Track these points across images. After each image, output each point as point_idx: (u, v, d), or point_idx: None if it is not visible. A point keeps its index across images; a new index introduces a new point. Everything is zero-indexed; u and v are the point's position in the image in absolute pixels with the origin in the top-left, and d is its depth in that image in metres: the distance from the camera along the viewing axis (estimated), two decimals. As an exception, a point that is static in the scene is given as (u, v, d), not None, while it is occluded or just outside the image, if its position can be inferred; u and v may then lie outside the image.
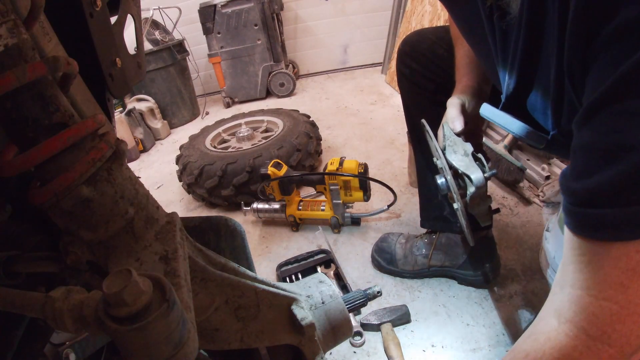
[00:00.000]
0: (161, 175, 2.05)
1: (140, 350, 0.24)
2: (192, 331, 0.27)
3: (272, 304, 0.40)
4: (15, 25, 0.24)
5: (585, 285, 0.35)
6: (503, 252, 1.06)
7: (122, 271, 0.24)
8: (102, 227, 0.29)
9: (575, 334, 0.36)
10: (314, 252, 1.15)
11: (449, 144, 0.69)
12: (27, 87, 0.25)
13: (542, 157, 1.29)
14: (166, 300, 0.24)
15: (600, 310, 0.34)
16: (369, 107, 2.42)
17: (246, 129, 1.78)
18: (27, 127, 0.26)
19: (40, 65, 0.24)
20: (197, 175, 1.47)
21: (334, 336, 0.45)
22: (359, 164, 1.17)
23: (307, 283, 0.47)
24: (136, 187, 0.31)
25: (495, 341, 0.84)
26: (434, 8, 2.11)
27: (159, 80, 2.65)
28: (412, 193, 1.42)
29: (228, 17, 2.69)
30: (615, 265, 0.32)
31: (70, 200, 0.26)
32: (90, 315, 0.25)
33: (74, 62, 0.28)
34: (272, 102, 2.92)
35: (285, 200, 1.31)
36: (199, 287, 0.34)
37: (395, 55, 2.60)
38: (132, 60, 0.51)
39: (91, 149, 0.28)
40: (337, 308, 0.44)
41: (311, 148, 1.61)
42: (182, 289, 0.28)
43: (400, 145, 1.81)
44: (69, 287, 0.27)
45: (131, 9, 0.51)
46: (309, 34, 3.32)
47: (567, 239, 0.38)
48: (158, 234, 0.32)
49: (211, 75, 3.31)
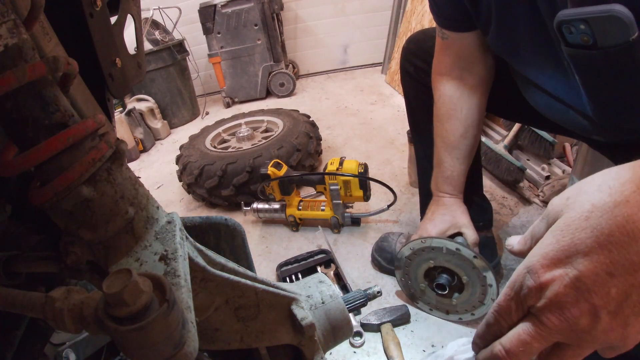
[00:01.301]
0: (161, 175, 2.05)
1: (140, 350, 0.24)
2: (192, 331, 0.27)
3: (272, 304, 0.40)
4: (15, 25, 0.24)
5: None
6: (503, 252, 1.06)
7: (122, 271, 0.24)
8: (102, 227, 0.29)
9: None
10: (314, 252, 1.15)
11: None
12: (27, 87, 0.25)
13: (542, 157, 1.29)
14: (166, 300, 0.24)
15: None
16: (369, 107, 2.42)
17: (246, 129, 1.78)
18: (27, 127, 0.26)
19: (40, 65, 0.24)
20: (197, 175, 1.47)
21: (334, 336, 0.45)
22: (359, 164, 1.17)
23: (307, 283, 0.47)
24: (136, 187, 0.31)
25: (495, 341, 0.84)
26: (434, 8, 2.11)
27: (159, 80, 2.65)
28: (412, 193, 1.42)
29: (228, 17, 2.69)
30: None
31: (70, 200, 0.26)
32: (90, 315, 0.25)
33: (74, 62, 0.28)
34: (272, 102, 2.92)
35: (285, 200, 1.31)
36: (199, 287, 0.34)
37: (395, 55, 2.61)
38: (132, 60, 0.51)
39: (91, 149, 0.28)
40: (337, 308, 0.44)
41: (311, 148, 1.61)
42: (182, 289, 0.28)
43: (400, 145, 1.81)
44: (69, 287, 0.27)
45: (131, 9, 0.51)
46: (309, 34, 3.32)
47: None
48: (158, 234, 0.32)
49: (211, 75, 3.31)
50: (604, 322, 0.26)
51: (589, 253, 0.26)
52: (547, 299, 0.28)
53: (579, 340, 0.28)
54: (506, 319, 0.31)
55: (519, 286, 0.30)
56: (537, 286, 0.28)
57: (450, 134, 0.79)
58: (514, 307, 0.30)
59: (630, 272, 0.25)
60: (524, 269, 0.30)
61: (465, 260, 0.76)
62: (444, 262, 0.80)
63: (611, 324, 0.26)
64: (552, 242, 0.28)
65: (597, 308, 0.26)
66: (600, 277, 0.26)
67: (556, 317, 0.27)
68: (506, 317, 0.31)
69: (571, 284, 0.27)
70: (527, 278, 0.29)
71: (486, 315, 0.34)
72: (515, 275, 0.30)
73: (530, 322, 0.29)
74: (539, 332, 0.28)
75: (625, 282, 0.26)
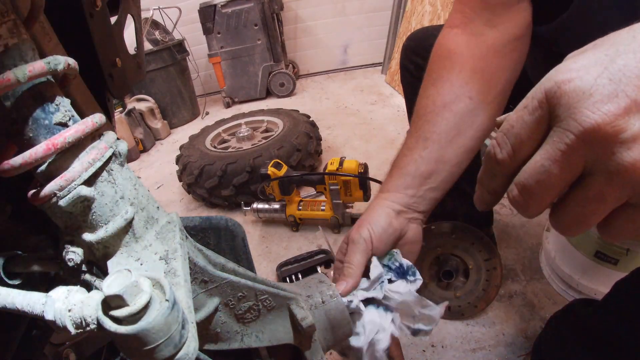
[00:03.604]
0: (161, 175, 2.06)
1: (140, 350, 0.24)
2: (192, 331, 0.27)
3: (272, 304, 0.40)
4: (15, 25, 0.24)
5: None
6: (503, 252, 1.06)
7: (122, 271, 0.24)
8: (102, 227, 0.29)
9: None
10: (314, 252, 1.15)
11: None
12: (27, 87, 0.25)
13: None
14: (166, 300, 0.24)
15: None
16: (369, 107, 2.42)
17: (246, 129, 1.78)
18: (27, 127, 0.26)
19: (40, 65, 0.24)
20: (197, 175, 1.47)
21: (334, 336, 0.45)
22: (359, 164, 1.17)
23: (307, 283, 0.47)
24: (136, 187, 0.31)
25: (495, 341, 0.84)
26: (433, 8, 2.11)
27: (159, 80, 2.65)
28: (412, 193, 1.42)
29: (228, 17, 2.69)
30: None
31: (70, 200, 0.26)
32: (90, 315, 0.25)
33: (74, 62, 0.28)
34: (272, 102, 2.92)
35: (285, 200, 1.31)
36: (199, 287, 0.34)
37: (395, 55, 2.61)
38: (132, 60, 0.51)
39: (91, 150, 0.28)
40: (337, 308, 0.44)
41: (311, 148, 1.61)
42: (182, 289, 0.28)
43: (400, 145, 1.81)
44: (69, 287, 0.27)
45: (131, 9, 0.51)
46: (309, 34, 3.32)
47: None
48: (158, 234, 0.32)
49: (211, 75, 3.31)
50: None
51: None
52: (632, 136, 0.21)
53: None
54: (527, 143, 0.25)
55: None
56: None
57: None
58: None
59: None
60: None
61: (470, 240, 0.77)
62: (451, 249, 0.82)
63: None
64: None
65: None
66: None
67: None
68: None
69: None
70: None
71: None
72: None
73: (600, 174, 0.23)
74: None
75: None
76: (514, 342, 0.83)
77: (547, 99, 0.24)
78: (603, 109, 0.22)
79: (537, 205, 0.26)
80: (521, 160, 0.26)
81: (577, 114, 0.22)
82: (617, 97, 0.22)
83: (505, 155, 0.27)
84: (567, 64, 0.24)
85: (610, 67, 0.22)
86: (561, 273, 0.91)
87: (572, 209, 0.25)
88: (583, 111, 0.22)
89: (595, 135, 0.22)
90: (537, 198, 0.25)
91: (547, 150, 0.24)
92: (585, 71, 0.23)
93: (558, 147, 0.23)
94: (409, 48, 0.89)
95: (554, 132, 0.24)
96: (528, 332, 0.85)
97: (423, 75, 0.81)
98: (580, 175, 0.24)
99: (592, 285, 0.84)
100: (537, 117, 0.25)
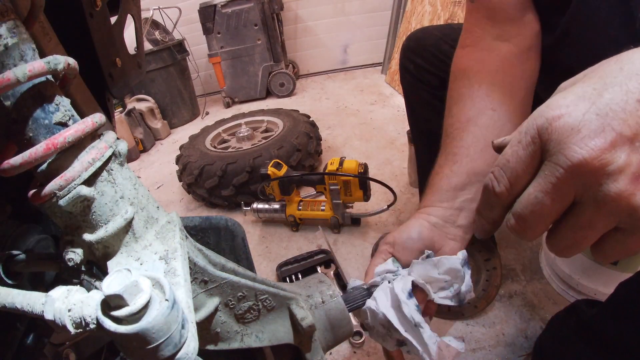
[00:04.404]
0: (161, 175, 2.06)
1: (140, 350, 0.24)
2: (192, 331, 0.27)
3: (272, 304, 0.40)
4: (15, 25, 0.24)
5: None
6: (503, 252, 1.06)
7: (121, 271, 0.24)
8: (102, 226, 0.29)
9: None
10: (314, 252, 1.15)
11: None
12: (27, 86, 0.25)
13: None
14: (166, 300, 0.24)
15: None
16: (369, 107, 2.42)
17: (246, 129, 1.78)
18: (27, 127, 0.26)
19: (40, 65, 0.24)
20: (197, 175, 1.47)
21: (334, 336, 0.45)
22: (359, 164, 1.17)
23: (307, 283, 0.47)
24: (136, 187, 0.31)
25: (495, 341, 0.84)
26: (433, 8, 2.11)
27: (159, 80, 2.65)
28: (412, 193, 1.42)
29: (228, 17, 2.69)
30: None
31: (70, 200, 0.26)
32: (90, 315, 0.25)
33: (74, 62, 0.28)
34: (272, 102, 2.92)
35: (285, 200, 1.31)
36: (199, 287, 0.34)
37: (395, 55, 2.61)
38: (132, 60, 0.51)
39: (91, 149, 0.28)
40: (337, 308, 0.44)
41: (311, 148, 1.61)
42: (182, 289, 0.28)
43: (400, 145, 1.81)
44: (69, 287, 0.27)
45: (131, 9, 0.51)
46: (309, 34, 3.32)
47: None
48: (158, 234, 0.32)
49: (211, 75, 3.31)
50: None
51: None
52: (619, 168, 0.23)
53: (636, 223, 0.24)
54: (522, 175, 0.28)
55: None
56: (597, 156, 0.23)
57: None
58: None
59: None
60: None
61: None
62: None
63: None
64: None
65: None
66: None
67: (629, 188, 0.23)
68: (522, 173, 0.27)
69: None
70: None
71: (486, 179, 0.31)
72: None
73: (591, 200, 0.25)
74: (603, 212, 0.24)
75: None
76: (514, 342, 0.83)
77: (539, 135, 0.26)
78: (590, 145, 0.23)
79: (533, 232, 0.29)
80: (517, 192, 0.29)
81: (566, 150, 0.24)
82: (604, 132, 0.23)
83: (502, 189, 0.29)
84: (557, 99, 0.26)
85: (598, 102, 0.24)
86: (561, 273, 0.91)
87: (566, 234, 0.27)
88: (571, 147, 0.24)
89: (583, 169, 0.24)
90: (533, 226, 0.28)
91: (540, 183, 0.26)
92: (574, 107, 0.25)
93: (550, 180, 0.26)
94: (408, 48, 0.89)
95: (545, 166, 0.26)
96: (528, 332, 0.85)
97: (423, 75, 0.81)
98: (572, 203, 0.26)
99: (592, 285, 0.84)
100: (530, 152, 0.27)
